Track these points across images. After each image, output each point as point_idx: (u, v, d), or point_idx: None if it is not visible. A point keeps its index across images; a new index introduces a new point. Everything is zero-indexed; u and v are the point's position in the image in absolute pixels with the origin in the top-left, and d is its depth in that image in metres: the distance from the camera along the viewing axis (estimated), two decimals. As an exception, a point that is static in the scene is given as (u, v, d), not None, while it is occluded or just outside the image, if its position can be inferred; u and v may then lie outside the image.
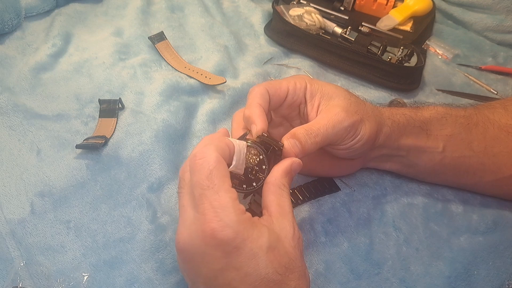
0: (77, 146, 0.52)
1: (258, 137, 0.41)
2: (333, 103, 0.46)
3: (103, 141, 0.53)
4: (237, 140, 0.39)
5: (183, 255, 0.35)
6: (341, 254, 0.48)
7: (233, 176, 0.38)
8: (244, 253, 0.33)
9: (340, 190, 0.53)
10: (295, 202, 0.51)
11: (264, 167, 0.40)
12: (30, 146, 0.53)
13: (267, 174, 0.40)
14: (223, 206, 0.33)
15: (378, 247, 0.49)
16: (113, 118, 0.57)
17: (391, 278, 0.47)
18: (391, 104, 0.64)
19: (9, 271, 0.43)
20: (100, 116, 0.57)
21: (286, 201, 0.38)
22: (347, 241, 0.49)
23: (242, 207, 0.35)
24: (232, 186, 0.36)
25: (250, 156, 0.40)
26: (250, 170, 0.40)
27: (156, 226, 0.48)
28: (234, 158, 0.38)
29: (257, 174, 0.40)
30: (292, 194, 0.50)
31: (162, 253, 0.46)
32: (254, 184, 0.40)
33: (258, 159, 0.40)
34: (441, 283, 0.47)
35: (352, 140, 0.46)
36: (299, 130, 0.43)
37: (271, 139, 0.41)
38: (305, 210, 0.51)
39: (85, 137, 0.54)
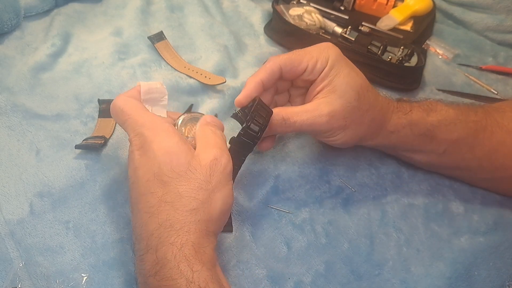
0: (76, 146, 0.52)
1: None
2: (330, 99, 0.46)
3: (102, 141, 0.53)
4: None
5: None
6: (342, 255, 0.48)
7: None
8: (148, 152, 0.39)
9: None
10: None
11: None
12: (29, 146, 0.53)
13: None
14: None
15: (378, 247, 0.49)
16: (113, 118, 0.56)
17: (391, 279, 0.47)
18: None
19: (8, 271, 0.42)
20: (99, 116, 0.57)
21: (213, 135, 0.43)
22: (348, 242, 0.49)
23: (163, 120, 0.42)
24: None
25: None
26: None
27: (155, 227, 0.47)
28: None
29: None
30: None
31: (162, 253, 0.45)
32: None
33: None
34: (441, 284, 0.47)
35: (327, 138, 0.49)
36: (277, 115, 0.46)
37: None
38: (305, 211, 0.51)
39: (85, 137, 0.54)
